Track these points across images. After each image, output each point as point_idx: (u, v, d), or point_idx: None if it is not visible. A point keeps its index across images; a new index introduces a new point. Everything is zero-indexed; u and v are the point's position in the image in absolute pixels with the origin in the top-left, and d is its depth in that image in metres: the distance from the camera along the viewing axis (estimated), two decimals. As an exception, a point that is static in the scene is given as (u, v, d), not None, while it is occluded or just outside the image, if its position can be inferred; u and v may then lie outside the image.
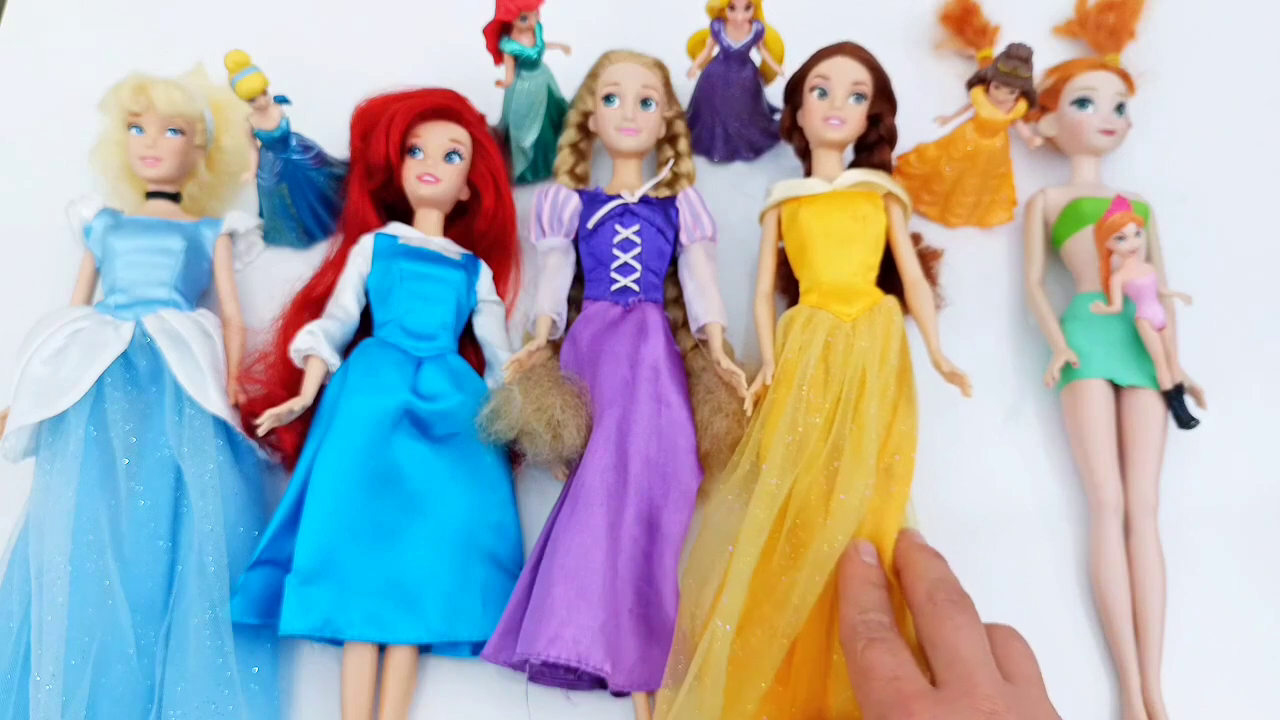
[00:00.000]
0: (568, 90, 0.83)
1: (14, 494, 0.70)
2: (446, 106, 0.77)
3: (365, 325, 0.76)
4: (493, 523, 0.69)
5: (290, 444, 0.70)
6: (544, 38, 0.77)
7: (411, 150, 0.76)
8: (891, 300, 0.72)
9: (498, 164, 0.80)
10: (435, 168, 0.76)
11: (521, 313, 0.81)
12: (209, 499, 0.66)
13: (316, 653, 0.68)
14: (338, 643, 0.66)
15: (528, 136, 0.81)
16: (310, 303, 0.76)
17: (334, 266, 0.77)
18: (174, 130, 0.77)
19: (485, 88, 0.80)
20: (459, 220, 0.81)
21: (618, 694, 0.65)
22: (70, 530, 0.64)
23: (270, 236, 0.82)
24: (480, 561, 0.67)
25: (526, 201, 0.83)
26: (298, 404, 0.69)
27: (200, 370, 0.70)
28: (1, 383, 0.70)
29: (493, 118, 0.83)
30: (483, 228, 0.80)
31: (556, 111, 0.82)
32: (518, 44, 0.76)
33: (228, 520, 0.67)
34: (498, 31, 0.76)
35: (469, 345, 0.78)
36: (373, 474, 0.67)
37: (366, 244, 0.76)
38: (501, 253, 0.80)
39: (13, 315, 0.73)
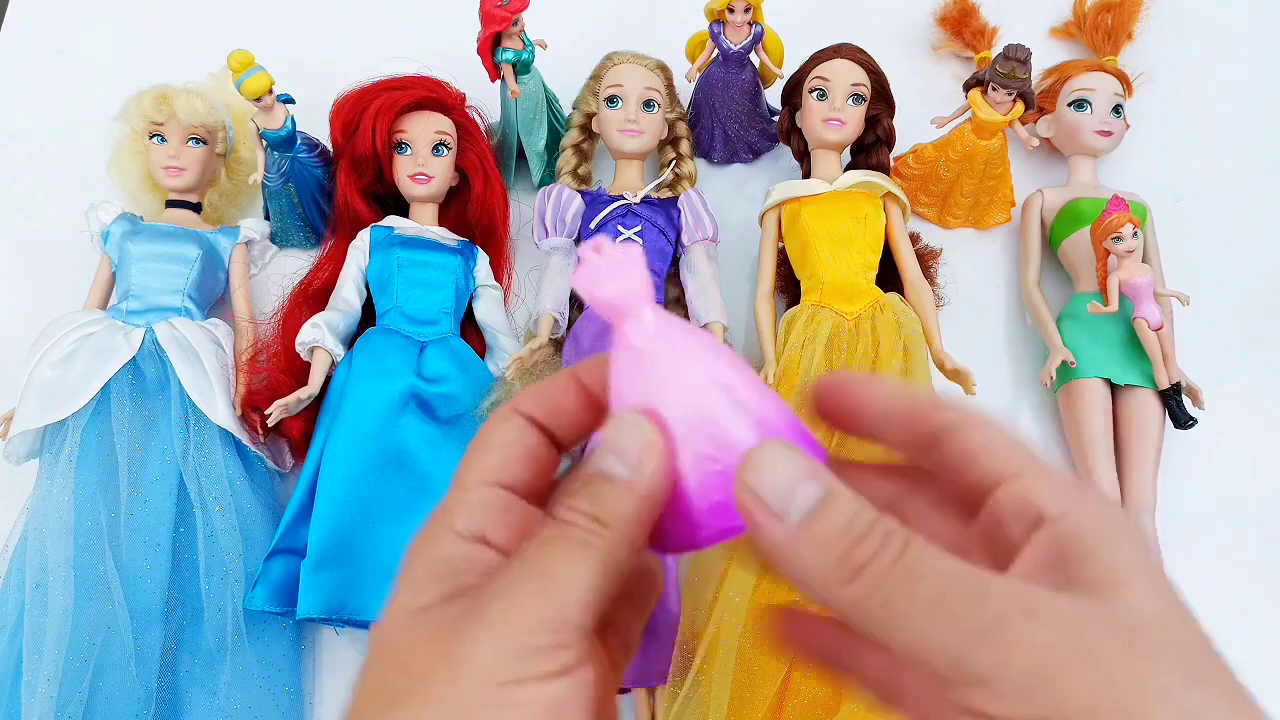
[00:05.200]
0: (565, 92, 0.84)
1: (16, 496, 0.70)
2: (428, 98, 0.77)
3: (369, 319, 0.76)
4: None
5: (297, 430, 0.71)
6: (528, 35, 0.76)
7: (399, 146, 0.76)
8: (895, 296, 0.73)
9: (484, 148, 0.80)
10: (426, 165, 0.76)
11: (516, 296, 0.81)
12: (224, 515, 0.67)
13: (341, 641, 0.69)
14: (362, 625, 0.66)
15: (539, 139, 0.81)
16: (309, 296, 0.76)
17: (330, 260, 0.78)
18: (196, 140, 0.77)
19: (482, 80, 0.80)
20: (450, 208, 0.81)
21: (619, 690, 0.66)
22: (72, 534, 0.64)
23: (279, 238, 0.82)
24: None
25: (526, 200, 0.84)
26: (305, 393, 0.69)
27: (209, 382, 0.70)
28: (12, 383, 0.70)
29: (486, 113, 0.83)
30: (474, 213, 0.80)
31: (549, 108, 0.83)
32: (514, 51, 0.76)
33: (241, 530, 0.67)
34: (491, 47, 0.76)
35: (471, 329, 0.78)
36: (382, 457, 0.67)
37: (364, 238, 0.76)
38: (494, 238, 0.81)
39: (30, 317, 0.73)
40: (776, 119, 0.84)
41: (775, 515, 0.23)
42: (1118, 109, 0.83)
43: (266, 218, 0.82)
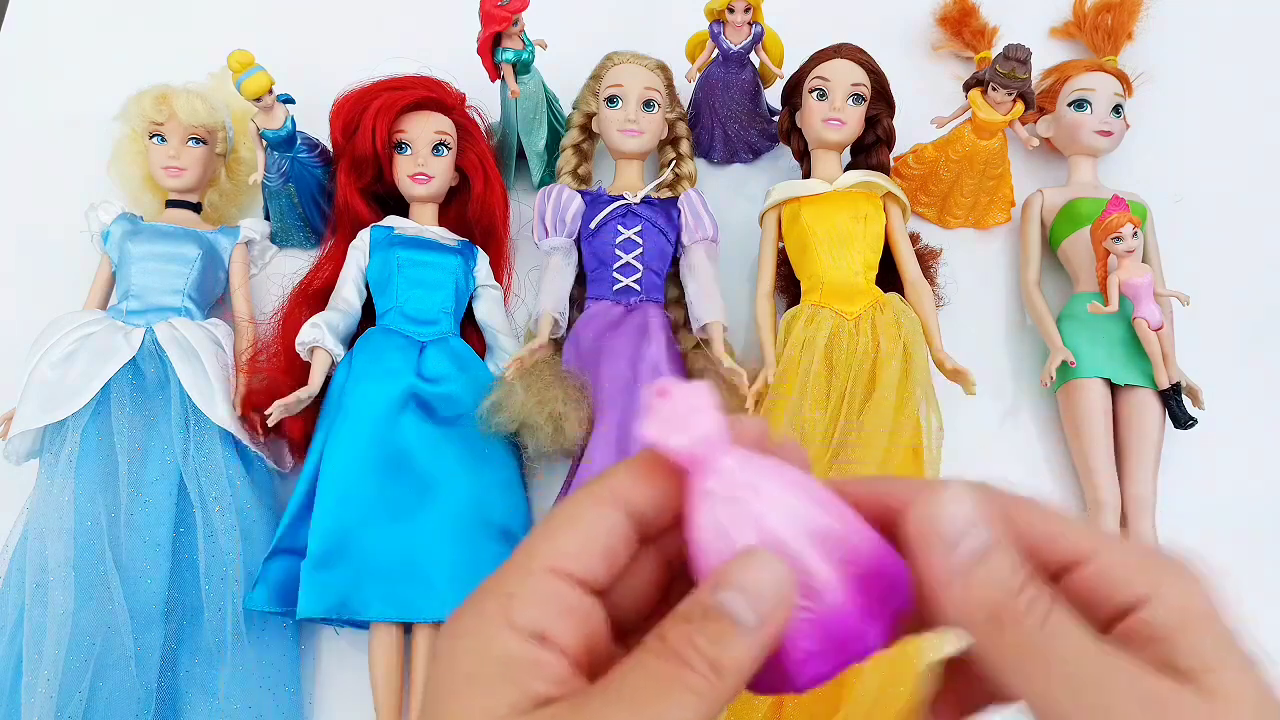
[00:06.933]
0: (565, 92, 0.84)
1: (16, 495, 0.70)
2: (428, 98, 0.77)
3: (369, 319, 0.76)
4: (503, 500, 0.70)
5: (297, 431, 0.71)
6: (528, 35, 0.76)
7: (399, 146, 0.76)
8: (895, 296, 0.73)
9: (484, 148, 0.80)
10: (426, 165, 0.76)
11: (516, 296, 0.82)
12: (224, 515, 0.67)
13: (341, 641, 0.69)
14: (362, 625, 0.66)
15: (539, 139, 0.81)
16: (308, 296, 0.76)
17: (329, 260, 0.78)
18: (196, 140, 0.77)
19: (482, 80, 0.80)
20: (450, 208, 0.81)
21: None
22: (72, 534, 0.64)
23: (279, 238, 0.82)
24: (492, 538, 0.68)
25: (526, 200, 0.84)
26: (305, 393, 0.69)
27: (209, 382, 0.70)
28: (12, 383, 0.70)
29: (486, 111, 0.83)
30: (474, 213, 0.80)
31: (549, 108, 0.83)
32: (514, 51, 0.76)
33: (241, 530, 0.67)
34: (491, 47, 0.76)
35: (471, 329, 0.78)
36: (383, 457, 0.67)
37: (364, 238, 0.76)
38: (494, 238, 0.81)
39: (30, 317, 0.73)
40: (776, 119, 0.84)
41: (947, 548, 0.24)
42: (1118, 109, 0.83)
43: (266, 218, 0.82)
